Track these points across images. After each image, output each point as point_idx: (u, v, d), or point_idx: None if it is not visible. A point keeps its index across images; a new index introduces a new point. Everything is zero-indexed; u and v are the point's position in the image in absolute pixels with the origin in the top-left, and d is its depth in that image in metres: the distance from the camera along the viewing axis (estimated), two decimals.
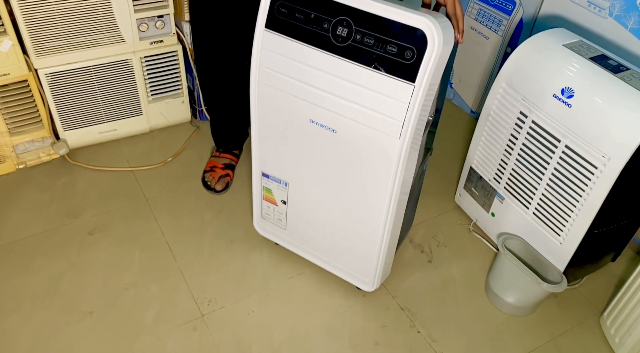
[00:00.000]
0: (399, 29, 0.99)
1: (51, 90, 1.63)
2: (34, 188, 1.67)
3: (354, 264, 1.37)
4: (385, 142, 1.10)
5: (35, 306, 1.35)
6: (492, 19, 1.90)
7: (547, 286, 1.32)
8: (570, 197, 1.30)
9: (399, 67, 1.02)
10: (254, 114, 1.27)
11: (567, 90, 1.24)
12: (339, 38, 1.05)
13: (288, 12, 1.09)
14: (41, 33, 1.51)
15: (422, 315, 1.40)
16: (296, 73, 1.14)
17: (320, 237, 1.38)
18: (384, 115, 1.07)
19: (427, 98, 1.05)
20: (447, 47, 1.00)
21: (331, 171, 1.23)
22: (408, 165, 1.14)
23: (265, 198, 1.42)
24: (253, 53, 1.17)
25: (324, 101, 1.13)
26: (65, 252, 1.48)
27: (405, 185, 1.19)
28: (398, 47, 1.00)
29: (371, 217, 1.24)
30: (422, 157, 1.30)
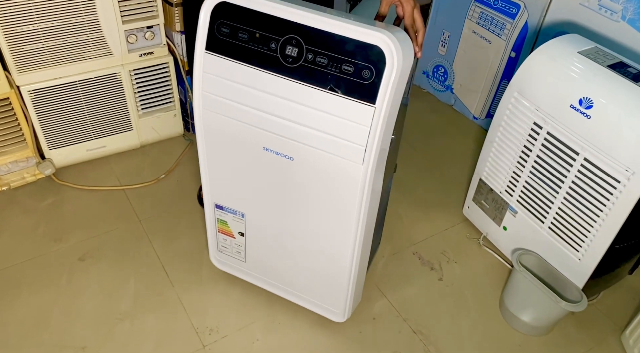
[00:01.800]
0: (354, 47, 0.91)
1: (35, 107, 1.53)
2: (19, 211, 1.58)
3: (322, 295, 1.28)
4: (348, 169, 1.01)
5: (23, 342, 1.25)
6: (495, 22, 1.83)
7: (567, 305, 1.26)
8: (590, 212, 1.23)
9: (357, 88, 0.93)
10: (200, 142, 1.16)
11: (585, 101, 1.18)
12: (288, 58, 0.96)
13: (230, 31, 0.99)
14: (23, 48, 1.42)
15: (436, 338, 1.33)
16: (244, 98, 1.04)
17: (284, 269, 1.29)
18: (345, 140, 0.98)
19: (390, 119, 0.97)
20: (407, 63, 0.93)
21: (291, 200, 1.14)
22: (374, 189, 1.05)
23: (221, 231, 1.32)
24: (194, 78, 1.07)
25: (277, 127, 1.03)
26: (54, 280, 1.39)
27: (372, 210, 1.11)
28: (354, 66, 0.92)
29: (338, 245, 1.15)
30: (389, 175, 1.23)
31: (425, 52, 2.17)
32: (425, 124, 2.06)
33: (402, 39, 0.92)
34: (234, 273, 1.40)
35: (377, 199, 1.12)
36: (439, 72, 2.15)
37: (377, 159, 1.00)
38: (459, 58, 2.04)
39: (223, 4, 0.98)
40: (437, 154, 1.91)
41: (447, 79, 2.12)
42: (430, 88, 2.22)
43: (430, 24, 2.10)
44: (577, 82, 1.20)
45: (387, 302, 1.40)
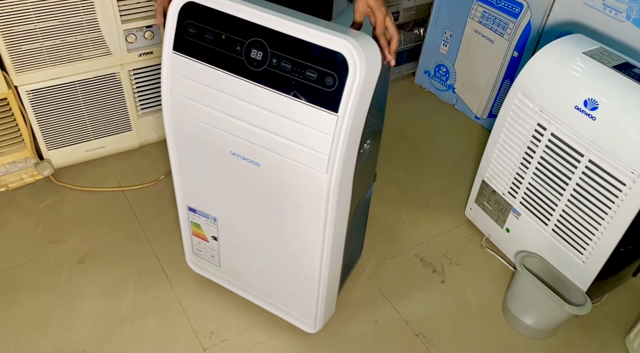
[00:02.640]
0: (317, 53, 0.88)
1: (33, 108, 1.51)
2: (17, 212, 1.56)
3: (293, 304, 1.25)
4: (312, 178, 0.98)
5: (21, 345, 1.24)
6: (498, 22, 1.82)
7: (571, 308, 1.25)
8: (595, 215, 1.22)
9: (320, 95, 0.90)
10: (170, 143, 1.14)
11: (590, 102, 1.17)
12: (253, 62, 0.93)
13: (197, 32, 0.97)
14: (21, 47, 1.40)
15: (439, 342, 1.32)
16: (211, 101, 1.01)
17: (256, 276, 1.26)
18: (308, 149, 0.95)
19: (355, 128, 0.93)
20: (372, 71, 0.89)
21: (259, 206, 1.11)
22: (340, 200, 1.01)
23: (195, 234, 1.30)
24: (162, 78, 1.05)
25: (244, 132, 1.00)
26: (53, 283, 1.38)
27: (340, 221, 1.06)
28: (318, 73, 0.89)
29: (305, 255, 1.12)
30: (366, 185, 1.20)
31: (426, 51, 2.16)
32: (427, 123, 2.05)
33: (367, 45, 0.88)
34: (210, 277, 1.38)
35: (345, 209, 1.07)
36: (440, 72, 2.13)
37: (343, 169, 0.96)
38: (461, 57, 2.02)
39: (190, 4, 0.95)
40: (438, 154, 1.89)
41: (448, 78, 2.11)
42: (431, 87, 2.20)
43: (432, 23, 2.08)
44: (582, 83, 1.19)
45: (389, 305, 1.39)
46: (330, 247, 1.08)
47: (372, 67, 0.89)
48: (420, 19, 2.17)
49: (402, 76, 2.26)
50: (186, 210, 1.25)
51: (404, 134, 1.97)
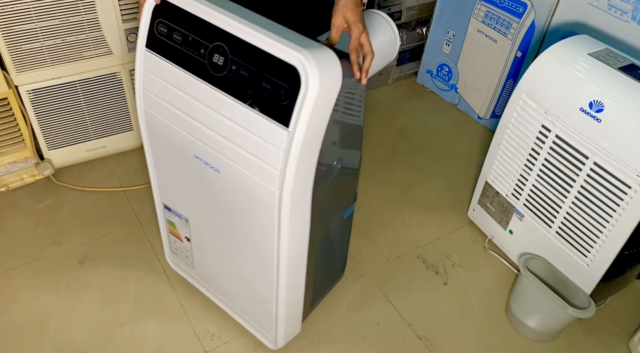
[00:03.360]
0: (273, 64, 0.84)
1: (33, 107, 1.50)
2: (17, 212, 1.55)
3: (256, 318, 1.22)
4: (265, 192, 0.94)
5: (22, 348, 1.23)
6: (501, 21, 1.81)
7: (575, 311, 1.24)
8: (600, 217, 1.21)
9: (274, 108, 0.86)
10: (145, 140, 1.13)
11: (595, 104, 1.15)
12: (215, 66, 0.91)
13: (167, 31, 0.96)
14: (21, 47, 1.39)
15: (441, 345, 1.31)
16: (177, 102, 0.99)
17: (223, 283, 1.25)
18: (261, 161, 0.91)
19: (310, 145, 0.88)
20: (329, 88, 0.84)
21: (220, 215, 1.09)
22: (295, 219, 0.96)
23: (171, 233, 1.29)
24: (136, 75, 1.04)
25: (205, 137, 0.98)
26: (53, 284, 1.37)
27: (296, 241, 1.02)
28: (272, 85, 0.85)
29: (261, 274, 1.08)
30: (341, 205, 1.15)
31: (429, 50, 2.14)
32: (429, 123, 2.04)
33: (324, 60, 0.83)
34: (186, 278, 1.37)
35: (302, 230, 1.01)
36: (443, 71, 2.12)
37: (295, 186, 0.91)
38: (464, 57, 2.01)
39: (164, 2, 0.95)
40: (440, 155, 1.88)
41: (451, 78, 2.10)
42: (434, 87, 2.19)
43: (434, 22, 2.07)
44: (587, 84, 1.18)
45: (392, 307, 1.38)
46: (286, 268, 1.03)
47: (328, 84, 0.84)
48: (423, 18, 2.16)
49: (404, 76, 2.25)
50: (162, 208, 1.25)
51: (406, 134, 1.96)
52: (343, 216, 1.19)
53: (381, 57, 1.10)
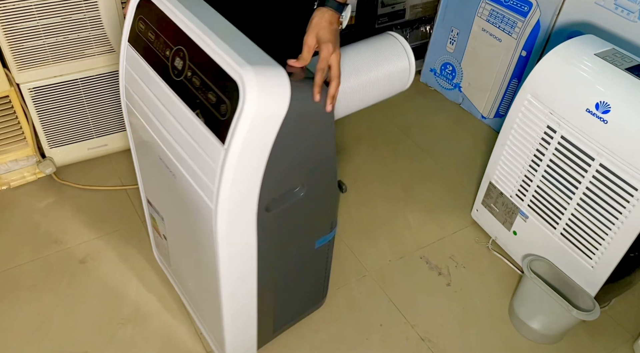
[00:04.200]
0: (220, 75, 0.80)
1: (35, 105, 1.49)
2: (19, 211, 1.55)
3: (211, 328, 1.18)
4: (204, 207, 0.89)
5: (23, 347, 1.23)
6: (506, 20, 1.79)
7: (579, 314, 1.23)
8: (605, 219, 1.20)
9: (215, 121, 0.82)
10: (128, 133, 1.14)
11: (602, 105, 1.14)
12: (175, 70, 0.89)
13: (144, 29, 0.95)
14: (23, 45, 1.38)
15: (444, 346, 1.30)
16: (146, 100, 0.98)
17: (189, 288, 1.22)
18: (203, 174, 0.87)
19: (250, 166, 0.83)
20: (272, 108, 0.79)
21: (180, 219, 1.06)
22: (239, 242, 0.91)
23: (153, 227, 1.28)
24: (119, 67, 1.04)
25: (165, 140, 0.96)
26: (55, 283, 1.36)
27: (242, 265, 0.96)
28: (217, 97, 0.81)
29: (209, 290, 1.04)
30: (311, 234, 1.09)
31: (433, 49, 2.13)
32: (432, 123, 2.03)
33: (269, 77, 0.78)
34: (167, 274, 1.37)
35: (247, 253, 0.95)
36: (446, 70, 2.11)
37: (234, 206, 0.85)
38: (468, 56, 1.99)
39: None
40: (444, 154, 1.87)
41: (455, 77, 2.08)
42: (437, 86, 2.18)
43: (438, 20, 2.05)
44: (594, 85, 1.17)
45: (394, 308, 1.37)
46: (229, 291, 0.98)
47: (272, 103, 0.79)
48: (427, 16, 2.15)
49: None
50: (146, 202, 1.26)
51: (409, 133, 1.95)
52: (314, 245, 1.11)
53: (388, 85, 1.05)
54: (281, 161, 0.86)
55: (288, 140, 0.85)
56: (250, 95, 0.76)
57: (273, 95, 0.79)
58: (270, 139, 0.82)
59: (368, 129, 1.95)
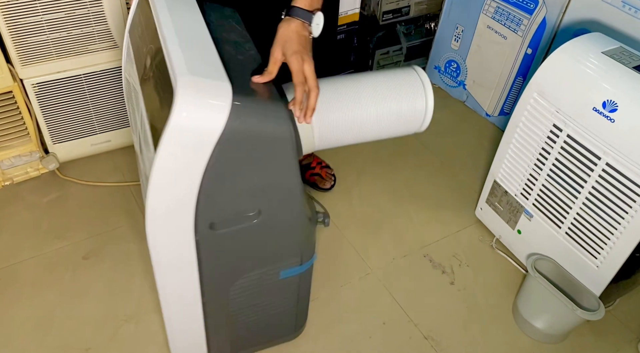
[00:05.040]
0: (168, 80, 0.78)
1: (38, 101, 1.49)
2: (22, 206, 1.55)
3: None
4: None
5: (25, 343, 1.23)
6: (512, 18, 1.78)
7: (584, 313, 1.22)
8: (611, 219, 1.19)
9: (160, 127, 0.79)
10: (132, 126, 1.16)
11: (609, 104, 1.13)
12: (146, 66, 0.88)
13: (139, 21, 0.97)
14: (26, 40, 1.38)
15: (447, 345, 1.30)
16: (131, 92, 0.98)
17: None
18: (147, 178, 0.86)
19: (176, 179, 0.79)
20: (207, 123, 0.74)
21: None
22: (179, 257, 0.88)
23: None
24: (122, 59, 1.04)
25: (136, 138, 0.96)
26: (57, 279, 1.36)
27: (180, 281, 0.93)
28: (164, 103, 0.79)
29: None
30: (275, 263, 1.03)
31: (437, 46, 2.12)
32: (436, 120, 1.99)
33: (207, 90, 0.74)
34: None
35: (186, 265, 0.91)
36: (451, 68, 2.10)
37: (159, 215, 0.82)
38: (473, 53, 1.98)
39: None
40: (448, 152, 1.86)
41: (459, 74, 2.07)
42: (441, 83, 2.17)
43: (443, 17, 2.04)
44: (601, 84, 1.15)
45: (398, 306, 1.37)
46: (166, 297, 0.96)
47: (204, 118, 0.74)
48: (432, 13, 2.13)
49: None
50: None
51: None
52: (278, 275, 1.05)
53: (396, 124, 0.96)
54: (225, 180, 0.82)
55: (233, 160, 0.80)
56: (180, 106, 0.73)
57: (208, 110, 0.74)
58: (204, 154, 0.77)
59: None
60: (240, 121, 0.76)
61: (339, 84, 0.94)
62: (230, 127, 0.76)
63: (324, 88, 0.91)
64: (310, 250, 1.07)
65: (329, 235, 1.54)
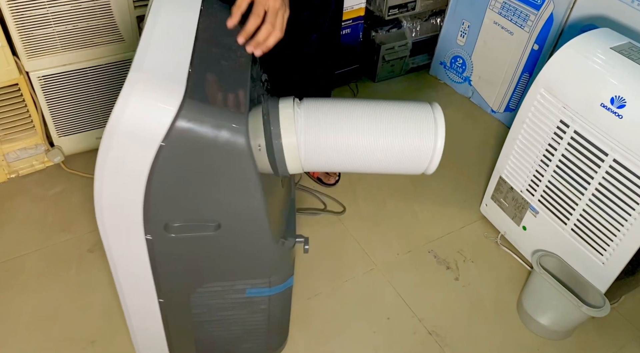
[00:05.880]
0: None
1: (44, 94, 1.49)
2: (27, 199, 1.55)
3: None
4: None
5: (31, 335, 1.23)
6: (518, 13, 1.77)
7: (590, 310, 1.22)
8: (617, 215, 1.19)
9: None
10: None
11: (617, 100, 1.13)
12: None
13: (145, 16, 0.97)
14: (33, 33, 1.38)
15: (452, 341, 1.30)
16: None
17: None
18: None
19: (128, 174, 0.77)
20: (149, 122, 0.72)
21: None
22: (130, 251, 0.88)
23: None
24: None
25: None
26: (63, 272, 1.36)
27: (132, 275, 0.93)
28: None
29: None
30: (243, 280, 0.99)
31: (443, 42, 2.11)
32: None
33: (156, 89, 0.72)
34: None
35: (138, 260, 0.90)
36: (456, 63, 2.09)
37: (111, 204, 0.81)
38: (479, 49, 1.97)
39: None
40: (453, 148, 1.85)
41: (465, 70, 2.06)
42: (447, 79, 2.16)
43: (449, 13, 2.03)
44: (609, 79, 1.15)
45: (402, 301, 1.37)
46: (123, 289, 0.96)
47: (146, 116, 0.72)
48: (438, 8, 2.13)
49: (417, 67, 2.22)
50: None
51: None
52: (245, 292, 1.00)
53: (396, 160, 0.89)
54: (176, 184, 0.80)
55: (181, 166, 0.77)
56: (123, 99, 0.72)
57: (153, 110, 0.72)
58: (148, 154, 0.75)
59: None
60: (188, 127, 0.73)
61: (341, 106, 0.89)
62: (177, 131, 0.73)
63: (323, 108, 0.87)
64: (283, 273, 1.00)
65: (334, 230, 1.54)
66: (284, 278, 1.01)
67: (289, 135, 0.85)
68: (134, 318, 1.03)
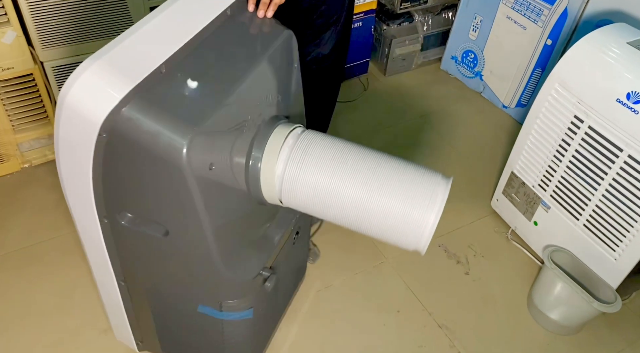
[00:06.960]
0: None
1: (58, 84, 1.50)
2: (40, 188, 1.56)
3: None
4: None
5: (45, 322, 1.25)
6: (532, 8, 1.76)
7: (601, 306, 1.22)
8: (631, 211, 1.18)
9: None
10: None
11: (633, 95, 1.12)
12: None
13: None
14: (48, 23, 1.38)
15: (462, 334, 1.30)
16: None
17: None
18: None
19: (77, 159, 0.78)
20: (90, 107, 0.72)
21: None
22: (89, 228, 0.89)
23: None
24: None
25: None
26: (76, 261, 1.38)
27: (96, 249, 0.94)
28: None
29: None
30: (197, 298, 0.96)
31: (455, 36, 2.10)
32: (453, 111, 2.00)
33: (102, 75, 0.71)
34: None
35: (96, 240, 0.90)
36: (468, 58, 2.08)
37: (70, 178, 0.83)
38: (491, 44, 1.96)
39: None
40: (464, 143, 1.85)
41: (476, 65, 2.06)
42: (458, 74, 2.15)
43: (462, 7, 2.02)
44: (625, 74, 1.14)
45: (412, 295, 1.37)
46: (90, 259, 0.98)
47: (86, 101, 0.72)
48: (450, 2, 2.11)
49: (428, 61, 2.21)
50: None
51: (429, 121, 1.93)
52: (196, 306, 0.96)
53: (384, 225, 0.82)
54: (120, 176, 0.79)
55: (121, 160, 0.76)
56: (76, 72, 0.71)
57: (99, 91, 0.71)
58: (88, 139, 0.73)
59: (387, 117, 1.94)
60: (128, 122, 0.71)
61: (340, 147, 0.84)
62: (116, 121, 0.71)
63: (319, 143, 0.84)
64: (239, 303, 0.94)
65: None
66: (239, 308, 0.94)
67: (269, 161, 0.82)
68: (103, 293, 1.07)
